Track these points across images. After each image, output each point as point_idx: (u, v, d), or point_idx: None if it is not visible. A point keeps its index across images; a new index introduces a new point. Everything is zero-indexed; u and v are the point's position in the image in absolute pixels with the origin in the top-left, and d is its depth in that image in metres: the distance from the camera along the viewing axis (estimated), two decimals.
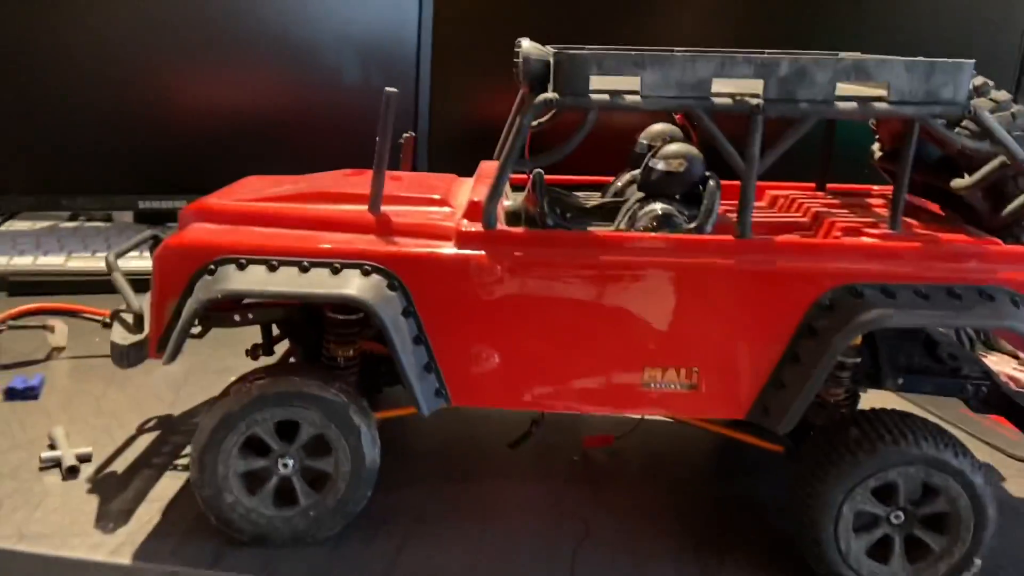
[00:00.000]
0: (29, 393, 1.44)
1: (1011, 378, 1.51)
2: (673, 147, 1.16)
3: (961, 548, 1.04)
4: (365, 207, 1.14)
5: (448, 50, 2.28)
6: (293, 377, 1.07)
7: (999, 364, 1.52)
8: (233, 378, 1.11)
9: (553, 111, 1.17)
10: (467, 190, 1.23)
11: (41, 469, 1.23)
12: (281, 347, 1.35)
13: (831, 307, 1.03)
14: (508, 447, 1.29)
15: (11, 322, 1.69)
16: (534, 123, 1.26)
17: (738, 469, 1.35)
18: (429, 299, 1.07)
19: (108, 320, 1.17)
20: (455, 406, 1.10)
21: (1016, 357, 1.63)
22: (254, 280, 1.03)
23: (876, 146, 1.36)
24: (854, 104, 1.02)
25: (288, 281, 1.03)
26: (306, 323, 1.24)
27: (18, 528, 1.09)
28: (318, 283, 1.03)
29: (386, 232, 1.10)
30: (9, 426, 1.34)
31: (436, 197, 1.19)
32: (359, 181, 1.25)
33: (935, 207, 1.26)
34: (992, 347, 1.61)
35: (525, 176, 1.36)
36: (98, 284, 1.92)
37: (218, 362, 1.59)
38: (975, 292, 1.02)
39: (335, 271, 1.05)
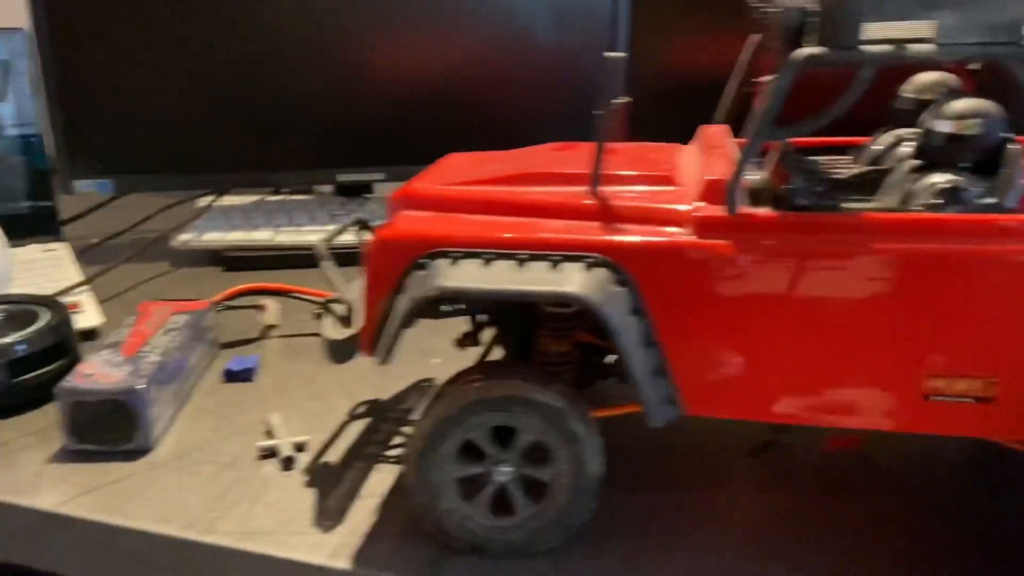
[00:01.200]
0: (245, 375, 1.46)
1: None
2: (964, 104, 0.94)
3: None
4: (583, 189, 1.02)
5: (648, 2, 2.10)
6: (512, 380, 0.98)
7: None
8: (436, 360, 1.04)
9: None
10: (694, 164, 1.08)
11: (260, 458, 1.23)
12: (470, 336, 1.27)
13: None
14: (751, 456, 1.15)
15: (225, 303, 1.73)
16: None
17: (1019, 485, 1.13)
18: (662, 295, 0.93)
19: (319, 312, 1.13)
20: (689, 415, 0.97)
21: None
22: (468, 276, 0.94)
23: None
24: None
25: (504, 277, 0.93)
26: (517, 314, 1.15)
27: (241, 523, 1.08)
28: (536, 279, 0.93)
29: (610, 218, 0.98)
30: (229, 410, 1.36)
31: (662, 174, 1.04)
32: (571, 157, 1.13)
33: None
34: None
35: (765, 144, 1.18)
36: (306, 258, 1.95)
37: (420, 343, 1.55)
38: None
39: (554, 265, 0.94)
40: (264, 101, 2.15)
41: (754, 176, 1.04)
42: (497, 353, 1.28)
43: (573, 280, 0.92)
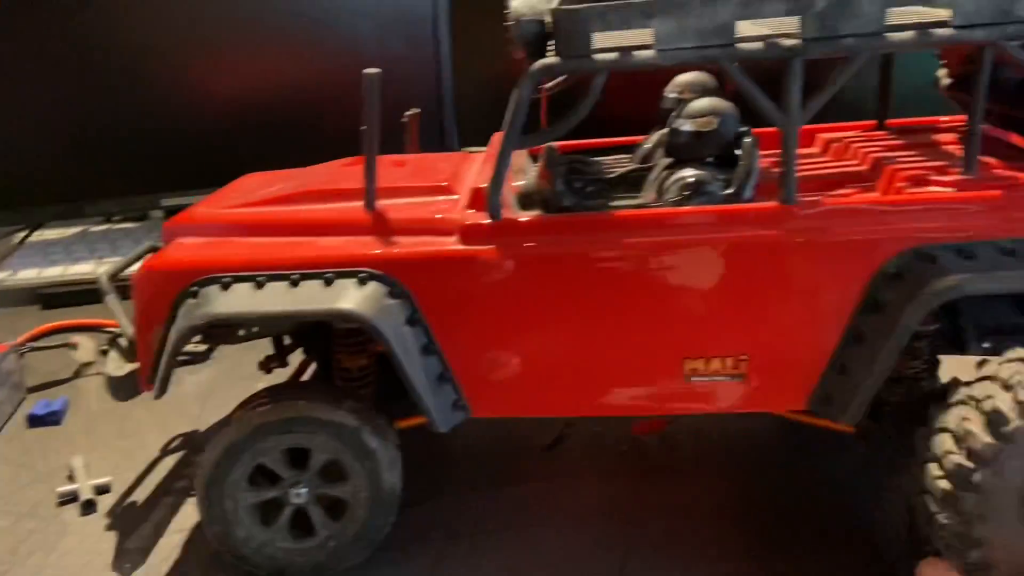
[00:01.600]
0: (51, 418, 1.40)
1: None
2: (700, 103, 1.01)
3: None
4: (359, 204, 1.03)
5: (469, 6, 2.13)
6: (298, 400, 0.97)
7: None
8: (261, 385, 1.03)
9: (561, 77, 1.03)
10: (477, 172, 1.11)
11: (59, 504, 1.18)
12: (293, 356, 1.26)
13: (898, 276, 0.89)
14: (543, 451, 1.19)
15: (32, 344, 1.65)
16: (549, 87, 1.13)
17: (807, 452, 1.21)
18: (436, 303, 0.95)
19: (105, 347, 1.10)
20: (477, 418, 0.99)
21: None
22: (239, 301, 0.93)
23: (943, 71, 1.17)
24: (911, 34, 0.86)
25: (276, 299, 0.93)
26: (316, 333, 1.15)
27: (33, 575, 1.04)
28: (309, 298, 0.93)
29: (383, 231, 0.99)
30: (31, 457, 1.30)
31: (442, 184, 1.07)
32: (358, 172, 1.14)
33: (1020, 140, 1.08)
34: None
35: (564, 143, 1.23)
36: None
37: (247, 367, 1.51)
38: None
39: (328, 282, 0.94)
40: (79, 126, 2.05)
41: (524, 181, 1.07)
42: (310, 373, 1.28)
43: (347, 296, 0.93)
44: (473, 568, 1.02)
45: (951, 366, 1.10)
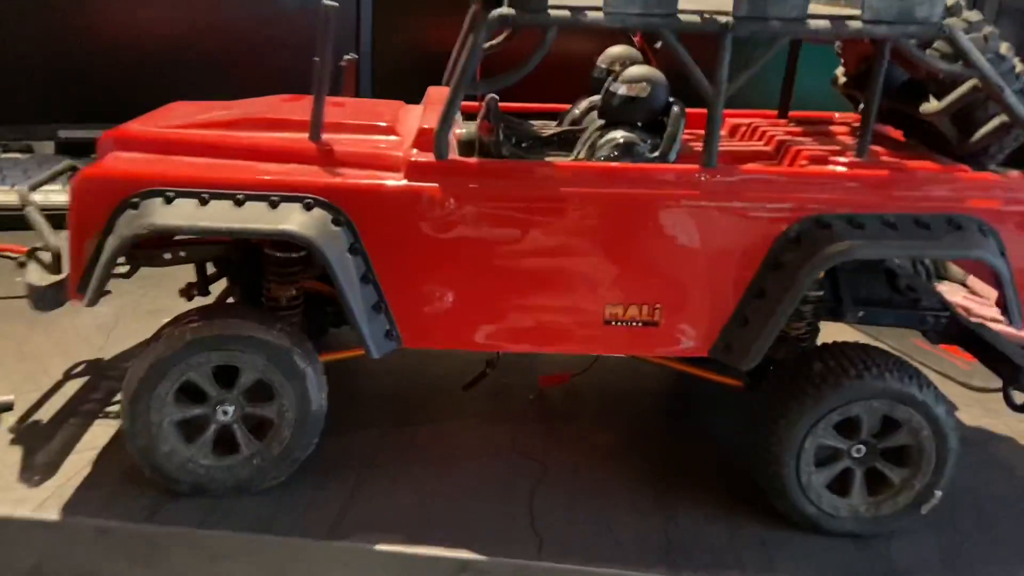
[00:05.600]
0: None
1: (962, 307, 1.52)
2: (636, 70, 1.09)
3: (922, 480, 1.03)
4: (305, 135, 1.05)
5: None
6: (231, 319, 0.99)
7: (949, 294, 1.53)
8: (167, 319, 1.04)
9: (508, 31, 1.08)
10: (416, 117, 1.15)
11: None
12: (218, 287, 1.27)
13: (798, 239, 1.00)
14: (462, 389, 1.24)
15: None
16: (487, 44, 1.18)
17: (697, 405, 1.33)
18: (377, 235, 0.99)
19: (24, 259, 1.07)
20: (407, 347, 1.04)
21: (964, 285, 1.65)
22: (183, 215, 0.94)
23: (840, 71, 1.31)
24: (826, 23, 0.96)
25: (221, 216, 0.95)
26: (244, 261, 1.16)
27: None
28: (255, 218, 0.95)
29: (329, 163, 1.02)
30: None
31: (383, 124, 1.10)
32: (297, 107, 1.16)
33: (897, 133, 1.22)
34: (942, 276, 1.62)
35: (477, 104, 1.28)
36: (17, 219, 1.79)
37: (151, 302, 1.50)
38: (943, 221, 1.00)
39: (273, 205, 0.96)
40: None
41: (464, 130, 1.13)
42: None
43: (292, 219, 0.96)
44: (390, 494, 1.07)
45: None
